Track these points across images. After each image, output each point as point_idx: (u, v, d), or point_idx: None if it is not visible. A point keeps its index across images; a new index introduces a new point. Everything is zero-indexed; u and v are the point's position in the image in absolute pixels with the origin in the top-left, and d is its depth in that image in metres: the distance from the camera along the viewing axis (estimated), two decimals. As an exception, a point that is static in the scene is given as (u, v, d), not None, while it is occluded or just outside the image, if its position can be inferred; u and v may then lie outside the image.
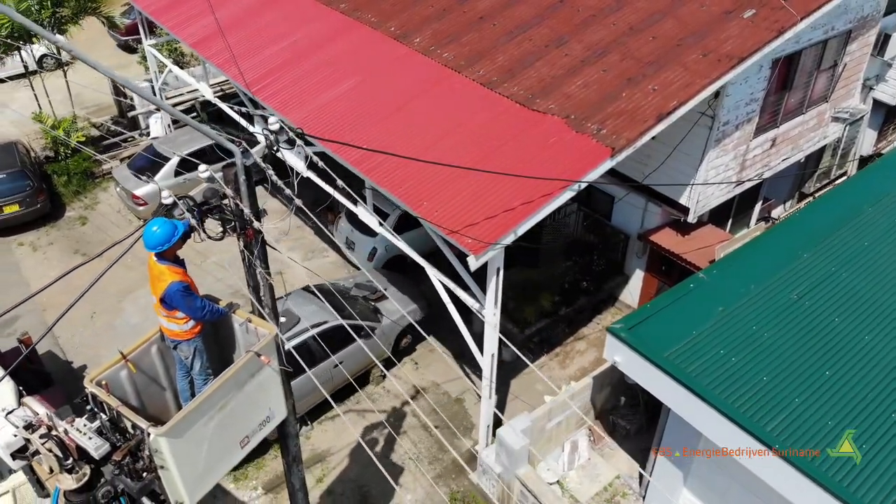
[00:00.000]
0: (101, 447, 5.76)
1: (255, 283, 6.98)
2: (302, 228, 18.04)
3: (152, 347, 6.95)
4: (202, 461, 6.27)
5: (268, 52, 13.87)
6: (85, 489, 5.77)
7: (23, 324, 15.34)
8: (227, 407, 6.31)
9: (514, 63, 11.73)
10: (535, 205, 9.37)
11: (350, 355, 13.00)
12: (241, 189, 6.26)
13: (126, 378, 6.65)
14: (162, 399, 7.19)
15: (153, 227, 6.40)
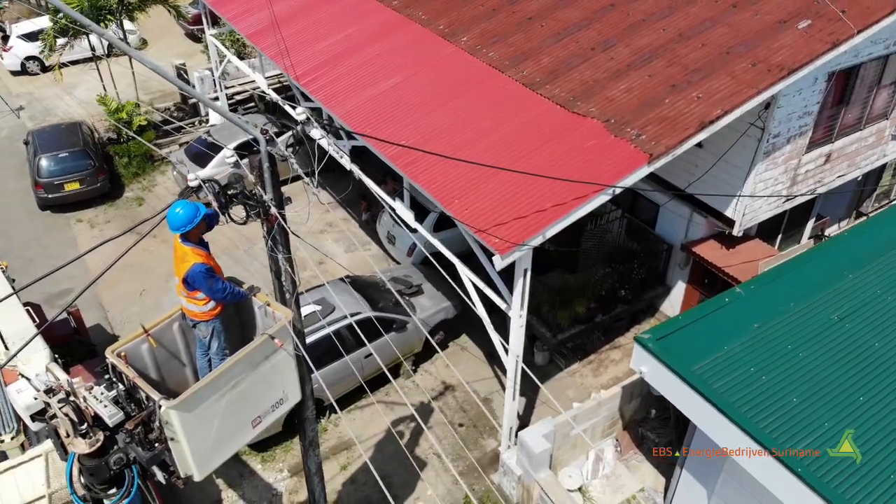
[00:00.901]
0: (114, 415, 5.98)
1: (276, 268, 7.14)
2: (347, 221, 18.32)
3: (174, 324, 7.18)
4: (212, 437, 6.44)
5: (320, 45, 14.12)
6: (98, 454, 6.01)
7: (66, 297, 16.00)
8: (239, 386, 6.48)
9: (559, 65, 11.65)
10: (567, 208, 9.29)
11: (381, 347, 13.10)
12: (264, 176, 6.41)
13: (146, 351, 6.90)
14: (182, 375, 7.41)
15: (176, 209, 6.60)
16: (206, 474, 6.68)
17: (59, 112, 23.05)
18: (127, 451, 6.14)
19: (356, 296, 13.37)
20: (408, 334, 13.55)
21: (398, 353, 13.63)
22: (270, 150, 6.38)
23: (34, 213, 18.97)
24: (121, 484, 6.27)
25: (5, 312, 10.42)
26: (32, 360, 8.89)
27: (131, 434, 6.07)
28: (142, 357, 6.88)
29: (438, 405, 13.80)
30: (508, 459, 11.77)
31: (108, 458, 6.07)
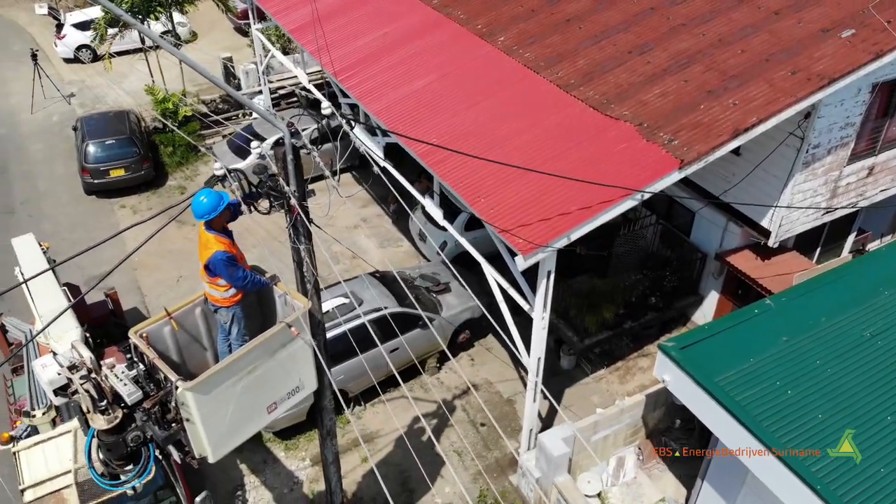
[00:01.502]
0: (133, 394, 6.17)
1: (298, 258, 7.26)
2: (381, 217, 18.47)
3: (196, 309, 7.37)
4: (227, 420, 6.60)
5: (359, 42, 14.29)
6: (116, 431, 6.21)
7: (114, 279, 16.39)
8: (255, 372, 6.62)
9: (594, 67, 11.58)
10: (593, 211, 9.23)
11: (407, 342, 13.20)
12: (287, 167, 6.53)
13: (169, 334, 7.09)
14: (202, 358, 7.59)
15: (201, 197, 6.78)
16: (221, 456, 6.84)
17: (108, 100, 23.73)
18: (144, 429, 6.33)
19: (384, 291, 13.48)
20: (433, 332, 13.58)
21: (423, 350, 13.76)
22: (295, 142, 6.50)
23: (80, 197, 19.56)
24: (137, 461, 6.46)
25: (43, 291, 10.79)
26: (64, 337, 9.21)
27: (148, 413, 6.26)
28: (164, 339, 7.07)
29: (461, 403, 13.83)
30: (527, 461, 11.75)
31: (126, 435, 6.26)
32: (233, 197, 6.76)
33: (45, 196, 19.72)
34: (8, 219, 18.67)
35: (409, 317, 13.16)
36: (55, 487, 9.08)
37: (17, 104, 23.81)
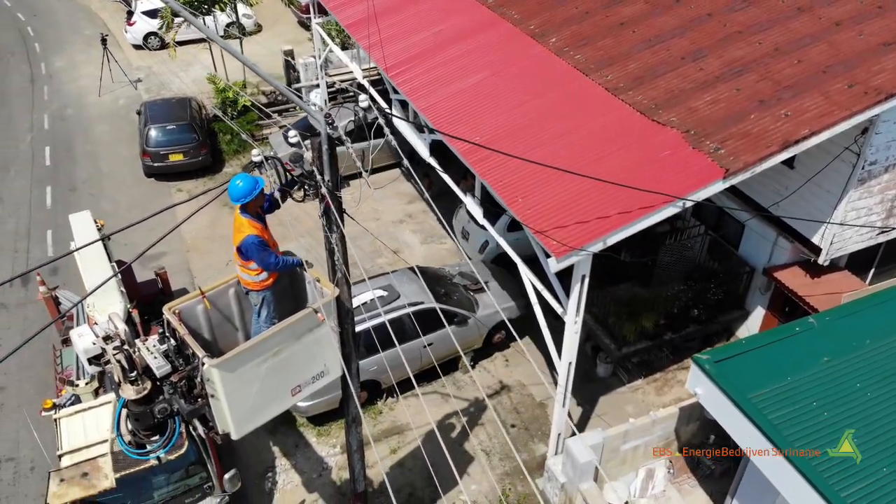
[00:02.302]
0: (162, 367, 6.40)
1: (330, 246, 7.39)
2: (426, 213, 18.59)
3: (230, 290, 7.58)
4: (251, 398, 6.77)
5: (413, 39, 14.42)
6: (144, 402, 6.44)
7: (167, 260, 17.00)
8: (281, 354, 6.77)
9: (645, 71, 11.42)
10: (632, 216, 9.11)
11: (441, 339, 13.29)
12: (322, 157, 6.66)
13: (201, 312, 7.32)
14: (234, 338, 7.80)
15: (237, 182, 6.98)
16: (244, 434, 7.01)
17: (172, 87, 24.51)
18: (171, 402, 6.56)
19: (422, 286, 13.58)
20: (468, 329, 13.65)
21: (457, 347, 13.77)
22: (331, 133, 6.62)
23: (140, 179, 20.27)
24: (163, 433, 6.69)
25: (93, 265, 11.24)
26: (108, 310, 9.58)
27: (175, 386, 6.48)
28: (197, 317, 7.30)
29: (493, 403, 13.82)
30: (554, 466, 11.67)
31: (153, 406, 6.50)
32: (268, 185, 6.94)
33: (107, 176, 20.50)
34: (70, 196, 19.49)
35: (445, 313, 13.21)
36: (91, 455, 9.41)
37: (86, 87, 24.81)
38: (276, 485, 12.32)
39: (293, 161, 6.76)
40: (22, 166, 20.81)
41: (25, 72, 26.45)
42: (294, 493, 12.18)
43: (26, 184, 20.01)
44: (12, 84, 25.63)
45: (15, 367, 14.07)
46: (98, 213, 16.93)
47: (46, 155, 21.37)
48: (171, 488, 10.39)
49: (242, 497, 11.89)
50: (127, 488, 9.93)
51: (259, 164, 6.77)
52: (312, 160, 6.62)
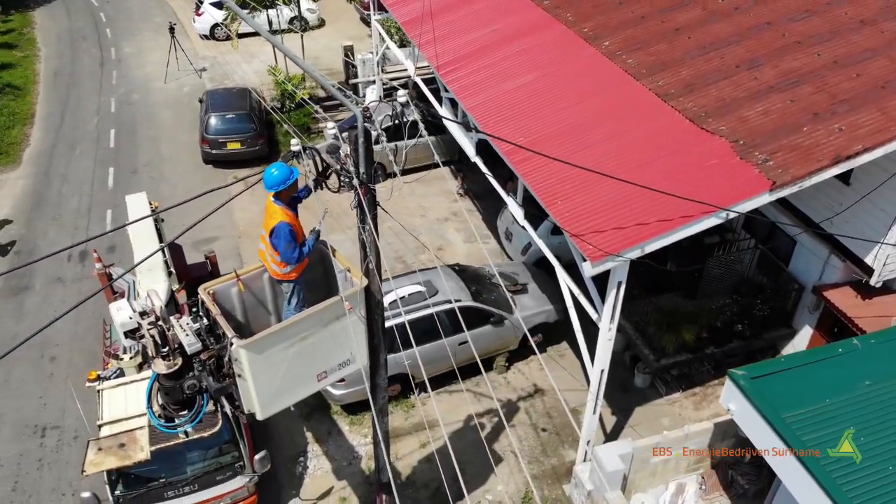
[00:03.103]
0: (193, 344, 6.62)
1: (362, 238, 7.50)
2: (472, 212, 18.63)
3: (265, 274, 7.77)
4: (278, 381, 6.94)
5: (466, 38, 14.48)
6: (174, 377, 6.68)
7: (219, 244, 17.47)
8: (308, 339, 6.92)
9: (697, 78, 11.21)
10: (671, 224, 8.98)
11: (476, 338, 13.28)
12: (358, 149, 6.77)
13: (235, 295, 7.53)
14: (266, 322, 7.99)
15: (272, 170, 7.16)
16: (269, 415, 7.19)
17: (235, 77, 25.16)
18: (200, 379, 6.78)
19: (461, 284, 13.63)
20: (505, 330, 13.63)
21: (492, 347, 13.81)
22: (368, 126, 6.73)
23: (198, 165, 20.87)
24: (191, 408, 6.92)
25: (144, 245, 11.68)
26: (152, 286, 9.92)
27: (204, 364, 6.69)
28: (231, 299, 7.52)
29: (525, 406, 13.78)
30: (581, 473, 11.58)
31: (183, 382, 6.72)
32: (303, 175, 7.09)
33: (167, 161, 21.18)
34: (131, 178, 20.22)
35: (482, 312, 13.24)
36: (129, 427, 9.77)
37: (153, 73, 25.69)
38: (306, 469, 12.56)
39: (330, 153, 6.90)
40: (87, 147, 21.70)
41: (96, 56, 27.58)
42: (323, 480, 12.39)
43: (90, 164, 20.85)
44: (83, 67, 26.76)
45: (67, 339, 14.72)
46: (156, 196, 17.55)
47: (111, 137, 22.23)
48: (204, 465, 10.70)
49: (273, 479, 12.18)
50: (161, 462, 10.28)
51: (297, 154, 6.92)
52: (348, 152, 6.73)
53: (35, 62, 27.26)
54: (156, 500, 10.41)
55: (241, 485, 10.86)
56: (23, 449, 12.64)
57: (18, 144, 21.75)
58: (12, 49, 27.88)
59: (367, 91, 22.61)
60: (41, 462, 12.43)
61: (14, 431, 12.96)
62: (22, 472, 12.27)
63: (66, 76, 26.15)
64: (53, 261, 16.83)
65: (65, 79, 25.96)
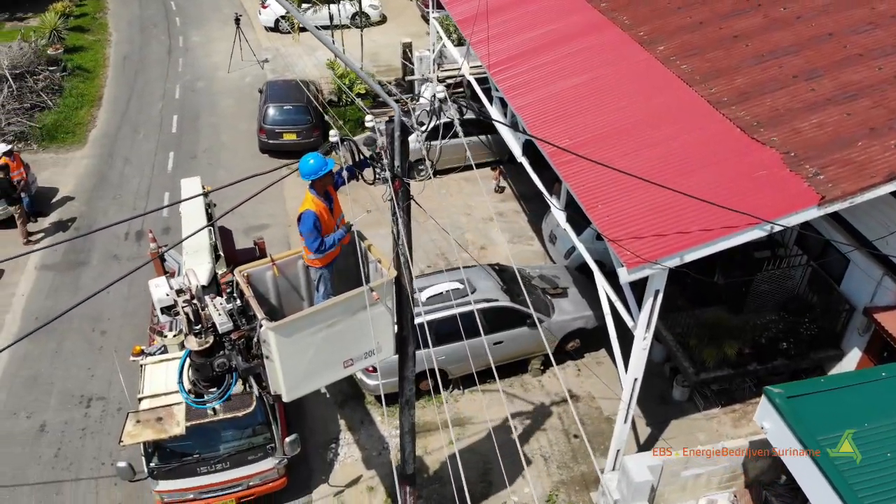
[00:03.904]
0: (224, 324, 6.80)
1: (396, 231, 7.58)
2: (518, 213, 18.58)
3: (299, 261, 7.93)
4: (304, 365, 7.07)
5: (520, 38, 14.46)
6: (205, 354, 6.87)
7: (269, 231, 17.87)
8: (335, 326, 7.04)
9: (752, 87, 10.94)
10: (713, 235, 8.81)
11: (511, 339, 13.30)
12: (394, 143, 6.85)
13: (270, 279, 7.71)
14: (299, 307, 8.13)
15: (308, 160, 7.33)
16: (295, 397, 7.34)
17: (296, 69, 25.64)
18: (230, 358, 6.96)
19: (499, 284, 13.62)
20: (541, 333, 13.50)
21: (527, 349, 13.74)
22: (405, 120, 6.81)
23: (255, 154, 21.37)
24: (220, 386, 7.12)
25: (192, 227, 12.05)
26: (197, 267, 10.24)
27: (234, 344, 6.88)
28: (265, 282, 7.70)
29: (558, 411, 13.68)
30: (609, 482, 11.44)
31: (213, 360, 6.91)
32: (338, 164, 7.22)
33: (226, 148, 21.76)
34: (190, 162, 20.86)
35: (518, 314, 13.20)
36: (168, 402, 10.11)
37: (218, 62, 26.42)
38: (337, 456, 12.75)
39: (366, 144, 7.01)
40: (151, 131, 22.47)
41: (164, 43, 28.54)
42: (353, 467, 12.56)
43: (152, 147, 21.59)
44: (151, 53, 27.73)
45: (118, 315, 15.29)
46: (212, 182, 18.03)
47: (174, 122, 22.97)
48: (237, 444, 10.98)
49: (304, 463, 12.41)
50: (196, 438, 10.60)
51: (335, 145, 7.06)
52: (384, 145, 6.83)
53: (106, 46, 28.38)
54: (188, 475, 10.74)
55: (272, 466, 11.12)
56: (68, 417, 13.20)
57: (85, 125, 22.69)
58: (85, 33, 29.07)
59: (423, 88, 22.77)
60: (84, 431, 12.96)
61: (61, 400, 13.54)
62: (65, 439, 12.82)
63: (135, 61, 27.16)
64: (110, 238, 17.55)
65: (133, 64, 26.97)
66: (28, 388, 13.78)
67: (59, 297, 15.81)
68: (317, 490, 12.17)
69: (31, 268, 16.72)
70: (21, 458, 12.49)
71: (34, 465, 12.35)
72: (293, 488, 11.94)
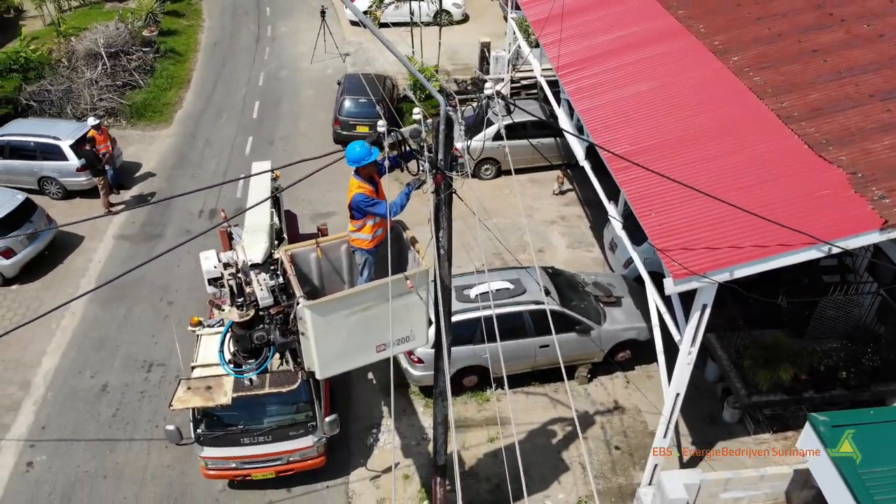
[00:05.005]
0: (265, 299, 7.12)
1: (437, 223, 7.71)
2: (581, 218, 18.41)
3: (343, 245, 8.19)
4: (338, 345, 7.31)
5: (592, 41, 14.36)
6: (246, 326, 7.21)
7: (335, 219, 18.31)
8: (369, 311, 7.24)
9: (825, 104, 10.54)
10: (766, 252, 8.57)
11: (559, 343, 13.08)
12: (439, 136, 6.99)
13: (314, 261, 7.99)
14: (339, 290, 8.38)
15: (355, 147, 7.57)
16: (328, 375, 7.61)
17: (375, 64, 26.13)
18: (268, 331, 7.27)
19: (551, 287, 13.56)
20: (590, 340, 13.41)
21: (575, 356, 13.61)
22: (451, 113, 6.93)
23: (328, 144, 21.90)
24: (258, 357, 7.44)
25: (256, 209, 12.56)
26: (254, 246, 10.68)
27: (273, 319, 7.18)
28: (308, 263, 7.99)
29: (602, 420, 13.52)
30: (644, 496, 11.27)
31: (253, 332, 7.24)
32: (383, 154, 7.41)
33: (302, 136, 22.43)
34: (266, 148, 21.61)
35: (567, 318, 13.11)
36: (218, 373, 10.56)
37: (302, 53, 27.23)
38: (377, 442, 12.99)
39: (412, 136, 7.18)
40: (233, 115, 23.41)
41: (253, 31, 29.65)
42: (391, 454, 12.76)
43: (233, 131, 22.48)
44: (240, 41, 28.86)
45: (186, 287, 16.03)
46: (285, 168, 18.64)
47: (255, 108, 23.84)
48: (279, 419, 11.36)
49: (345, 444, 12.72)
50: (242, 409, 11.02)
51: (382, 135, 7.26)
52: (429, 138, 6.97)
53: (198, 32, 29.71)
54: (231, 445, 11.19)
55: (311, 444, 11.44)
56: (129, 380, 13.96)
57: (172, 106, 23.84)
58: (180, 17, 30.51)
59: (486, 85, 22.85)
60: (143, 394, 13.67)
61: (125, 363, 14.32)
62: (125, 400, 13.56)
63: (224, 47, 28.32)
64: (185, 215, 18.41)
65: (223, 50, 28.13)
66: (96, 349, 14.64)
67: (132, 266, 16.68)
68: (354, 472, 12.45)
69: (109, 236, 17.74)
70: (82, 414, 13.30)
71: (93, 423, 13.13)
72: (331, 469, 12.25)
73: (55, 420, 13.21)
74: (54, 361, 14.38)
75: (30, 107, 21.87)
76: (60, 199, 18.95)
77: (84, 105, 22.29)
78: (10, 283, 16.19)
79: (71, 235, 17.62)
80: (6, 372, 14.18)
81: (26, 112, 21.74)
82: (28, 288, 16.24)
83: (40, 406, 13.47)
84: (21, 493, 12.03)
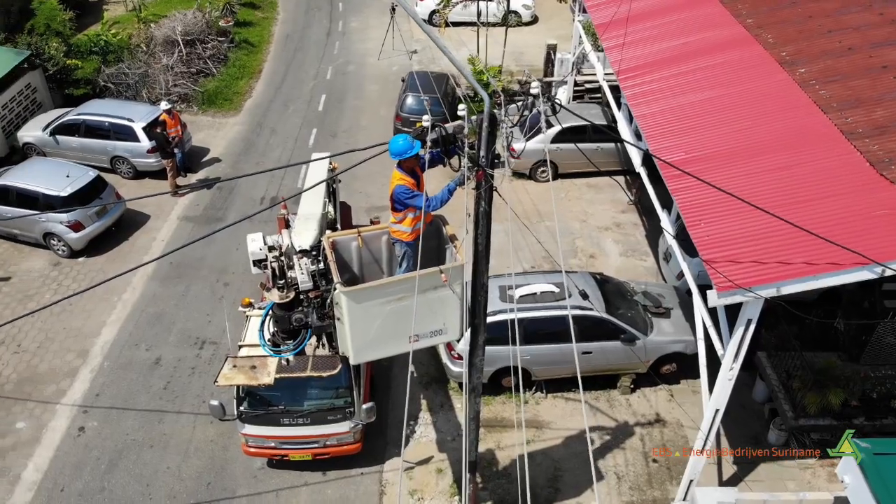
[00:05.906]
0: (305, 283, 7.35)
1: (476, 220, 7.78)
2: (637, 226, 18.15)
3: (384, 236, 8.35)
4: (372, 332, 7.48)
5: (656, 47, 14.16)
6: (285, 308, 7.45)
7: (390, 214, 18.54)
8: (404, 301, 7.38)
9: (892, 121, 10.13)
10: (815, 270, 8.32)
11: (602, 351, 13.10)
12: (482, 134, 7.05)
13: (355, 249, 8.18)
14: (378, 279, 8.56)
15: (398, 140, 7.72)
16: (361, 361, 7.82)
17: (441, 63, 26.34)
18: (306, 314, 7.49)
19: (598, 294, 13.43)
20: (634, 350, 13.23)
21: (618, 365, 13.45)
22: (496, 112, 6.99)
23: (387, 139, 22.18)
24: (295, 338, 7.68)
25: (310, 199, 12.90)
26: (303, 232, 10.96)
27: (311, 302, 7.39)
28: (350, 251, 8.18)
29: (641, 432, 13.32)
30: (677, 510, 11.08)
31: (291, 314, 7.49)
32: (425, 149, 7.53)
33: (364, 129, 22.82)
34: (329, 140, 22.07)
35: (612, 326, 12.98)
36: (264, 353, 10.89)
37: (370, 49, 27.67)
38: (413, 434, 13.15)
39: (456, 132, 7.26)
40: (299, 107, 23.99)
41: (325, 26, 30.31)
42: (425, 448, 12.91)
43: (298, 122, 23.05)
44: (312, 34, 29.55)
45: (242, 271, 16.53)
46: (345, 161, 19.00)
47: (321, 101, 24.37)
48: (319, 403, 11.64)
49: (381, 434, 12.92)
50: (284, 391, 11.34)
51: (425, 131, 7.38)
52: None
53: (272, 24, 30.54)
54: (271, 424, 11.52)
55: (347, 430, 11.68)
56: (182, 355, 14.52)
57: (242, 95, 24.60)
58: (255, 9, 31.41)
59: (560, 90, 22.76)
60: (193, 370, 14.20)
61: (179, 339, 14.90)
62: (176, 374, 14.12)
63: (296, 40, 29.04)
64: (247, 200, 18.99)
65: (294, 42, 28.85)
66: (152, 324, 15.28)
67: (193, 247, 17.26)
68: (389, 462, 12.64)
69: (173, 217, 18.47)
70: (134, 384, 13.91)
71: (144, 394, 13.72)
72: (367, 456, 12.47)
73: (109, 388, 13.86)
74: (113, 333, 15.07)
75: (107, 88, 22.92)
76: (131, 178, 19.82)
77: (159, 90, 23.24)
78: (77, 256, 17.04)
79: (138, 214, 18.43)
80: (67, 339, 14.95)
81: (104, 93, 22.78)
82: (94, 261, 17.07)
83: (96, 374, 14.16)
84: (71, 455, 12.67)
